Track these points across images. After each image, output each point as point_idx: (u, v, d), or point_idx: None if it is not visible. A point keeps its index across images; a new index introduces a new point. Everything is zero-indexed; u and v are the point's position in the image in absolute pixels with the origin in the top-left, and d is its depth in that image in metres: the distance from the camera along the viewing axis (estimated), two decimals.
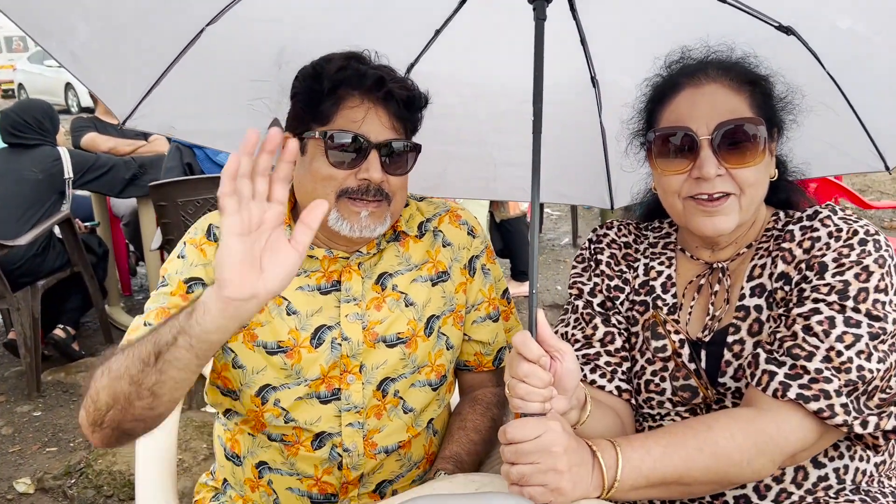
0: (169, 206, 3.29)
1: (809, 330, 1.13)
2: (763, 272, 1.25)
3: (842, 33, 1.35)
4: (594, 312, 1.37)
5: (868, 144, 1.49)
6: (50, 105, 4.05)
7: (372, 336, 1.36)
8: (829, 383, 1.09)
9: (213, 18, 1.37)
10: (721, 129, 1.18)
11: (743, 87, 1.23)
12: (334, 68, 1.28)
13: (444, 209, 1.51)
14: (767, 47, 1.33)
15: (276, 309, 1.34)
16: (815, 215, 1.23)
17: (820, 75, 1.43)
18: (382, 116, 1.29)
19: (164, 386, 1.03)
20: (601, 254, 1.41)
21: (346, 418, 1.35)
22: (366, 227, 1.29)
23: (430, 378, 1.43)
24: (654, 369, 1.31)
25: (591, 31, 1.53)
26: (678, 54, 1.31)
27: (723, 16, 1.37)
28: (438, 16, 1.51)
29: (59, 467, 3.03)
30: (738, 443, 1.08)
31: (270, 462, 1.38)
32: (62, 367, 4.00)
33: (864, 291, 1.12)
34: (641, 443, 1.08)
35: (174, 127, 1.49)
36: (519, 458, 1.01)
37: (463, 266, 1.48)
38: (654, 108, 1.30)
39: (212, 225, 1.36)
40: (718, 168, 1.18)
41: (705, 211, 1.20)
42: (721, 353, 1.25)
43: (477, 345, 1.51)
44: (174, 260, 1.34)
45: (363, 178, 1.28)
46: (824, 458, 1.21)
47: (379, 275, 1.40)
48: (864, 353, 1.10)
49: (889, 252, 1.16)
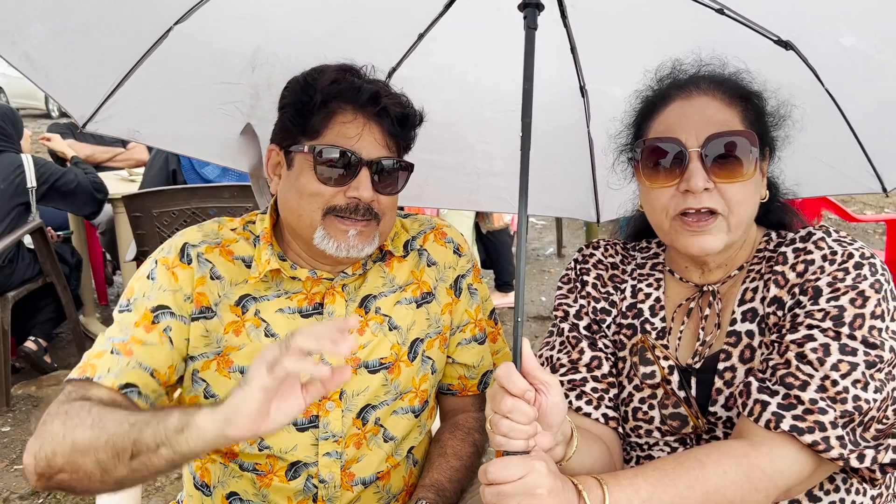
0: (144, 217, 3.21)
1: (803, 358, 1.08)
2: (755, 296, 1.19)
3: (844, 50, 1.30)
4: (580, 336, 1.31)
5: (865, 164, 1.44)
6: (12, 109, 3.88)
7: (354, 362, 1.29)
8: (825, 414, 1.04)
9: (182, 17, 1.29)
10: (711, 141, 1.13)
11: (735, 102, 1.19)
12: (327, 81, 1.23)
13: (429, 227, 1.45)
14: (764, 61, 1.28)
15: (255, 331, 1.26)
16: (808, 237, 1.18)
17: (818, 92, 1.38)
18: (376, 133, 1.25)
19: (133, 480, 1.02)
20: (587, 275, 1.35)
21: (323, 447, 1.28)
22: (353, 246, 1.24)
23: (413, 404, 1.36)
24: (642, 396, 1.25)
25: (582, 39, 1.47)
26: (669, 67, 1.26)
27: (719, 27, 1.31)
28: (422, 19, 1.44)
29: (26, 486, 2.92)
30: (731, 479, 1.03)
31: (242, 493, 1.30)
32: (33, 381, 3.88)
33: (860, 317, 1.07)
34: (630, 481, 1.01)
35: (139, 131, 1.41)
36: (501, 500, 0.94)
37: (449, 286, 1.42)
38: (643, 121, 1.25)
39: (186, 244, 1.28)
40: (707, 181, 1.13)
41: (692, 230, 1.15)
42: (712, 380, 1.19)
43: (461, 368, 1.44)
44: (142, 279, 1.25)
45: (353, 197, 1.23)
46: (820, 491, 1.16)
47: (363, 297, 1.34)
48: (860, 383, 1.05)
49: (885, 276, 1.11)
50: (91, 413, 1.04)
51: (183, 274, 1.25)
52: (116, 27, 1.26)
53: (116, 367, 1.17)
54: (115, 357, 1.18)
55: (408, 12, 1.43)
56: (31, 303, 3.90)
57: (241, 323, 1.26)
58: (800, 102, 1.29)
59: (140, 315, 1.22)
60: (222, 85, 1.28)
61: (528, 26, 1.13)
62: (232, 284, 1.28)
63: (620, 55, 1.47)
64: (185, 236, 1.30)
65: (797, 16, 1.29)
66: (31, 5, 1.14)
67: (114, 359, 1.18)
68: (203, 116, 1.38)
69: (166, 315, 1.22)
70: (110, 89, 1.33)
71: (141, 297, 1.23)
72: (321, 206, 1.23)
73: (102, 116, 1.36)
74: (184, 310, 1.23)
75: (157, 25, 1.29)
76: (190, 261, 1.26)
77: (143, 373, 1.18)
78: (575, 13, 1.39)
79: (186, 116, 1.44)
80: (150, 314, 1.21)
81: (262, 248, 1.29)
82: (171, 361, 1.23)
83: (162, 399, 1.23)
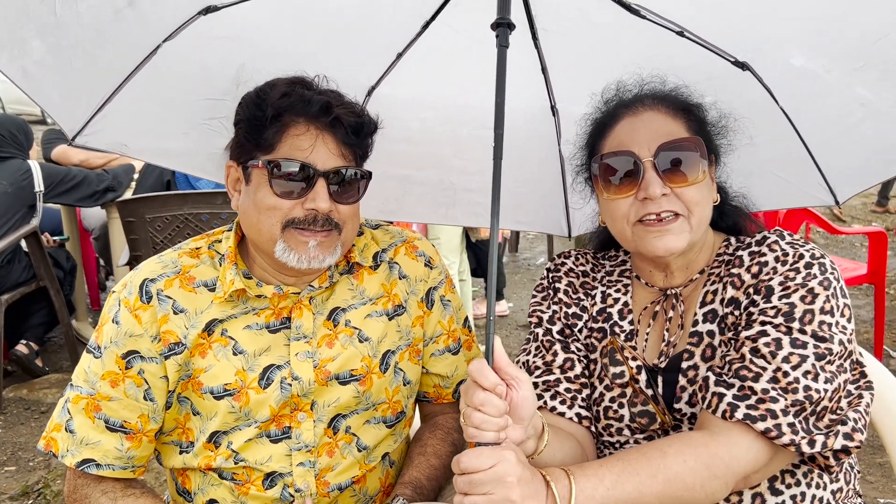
0: (137, 223, 3.20)
1: (757, 352, 1.13)
2: (715, 298, 1.25)
3: (796, 70, 1.35)
4: (554, 339, 1.36)
5: (819, 179, 1.49)
6: (24, 121, 3.98)
7: (324, 374, 1.29)
8: (776, 403, 1.09)
9: (170, 35, 1.32)
10: (662, 150, 1.19)
11: (678, 114, 1.26)
12: (278, 94, 1.21)
13: (400, 239, 1.45)
14: (723, 81, 1.34)
15: (222, 350, 1.26)
16: (763, 241, 1.24)
17: (774, 110, 1.43)
18: (330, 143, 1.23)
19: None
20: (559, 282, 1.40)
21: (296, 458, 1.29)
22: (314, 257, 1.22)
23: (386, 415, 1.37)
24: (612, 395, 1.30)
25: (552, 60, 1.51)
26: (614, 89, 1.33)
27: (680, 49, 1.36)
28: (400, 39, 1.47)
29: (16, 487, 2.92)
30: (691, 467, 1.07)
31: (220, 500, 1.31)
32: (25, 384, 3.88)
33: (810, 313, 1.13)
34: (595, 471, 1.06)
35: (126, 145, 1.42)
36: (472, 488, 0.98)
37: (420, 299, 1.42)
38: (595, 141, 1.31)
39: (146, 281, 1.27)
40: (663, 188, 1.19)
41: (654, 231, 1.20)
42: (676, 379, 1.24)
43: (436, 377, 1.46)
44: (108, 324, 1.25)
45: (310, 208, 1.21)
46: (781, 485, 1.21)
47: (331, 310, 1.34)
48: (810, 374, 1.10)
49: (835, 275, 1.17)
50: None
51: (146, 315, 1.24)
52: (108, 45, 1.28)
53: (73, 445, 1.23)
54: (69, 436, 1.24)
55: (387, 32, 1.46)
56: (24, 307, 3.91)
57: (207, 345, 1.26)
58: (757, 120, 1.37)
59: (110, 364, 1.23)
60: (208, 101, 1.29)
61: (500, 44, 1.18)
62: (197, 314, 1.26)
63: (588, 76, 1.50)
64: (143, 271, 1.28)
65: (751, 38, 1.34)
66: (33, 22, 1.16)
67: (69, 438, 1.24)
68: (189, 131, 1.39)
69: (137, 359, 1.24)
70: (100, 104, 1.34)
71: (110, 343, 1.24)
72: (280, 219, 1.21)
73: (91, 130, 1.37)
74: (153, 351, 1.24)
75: (147, 43, 1.32)
76: (150, 299, 1.25)
77: (105, 434, 1.24)
78: (546, 35, 1.44)
79: (173, 131, 1.46)
80: (121, 360, 1.23)
81: (227, 268, 1.27)
82: (140, 411, 1.25)
83: (135, 459, 1.26)
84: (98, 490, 1.25)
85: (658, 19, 1.32)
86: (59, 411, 1.27)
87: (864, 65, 1.27)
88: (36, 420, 3.54)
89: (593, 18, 1.38)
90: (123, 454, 1.25)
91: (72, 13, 1.17)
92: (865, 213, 7.89)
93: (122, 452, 1.25)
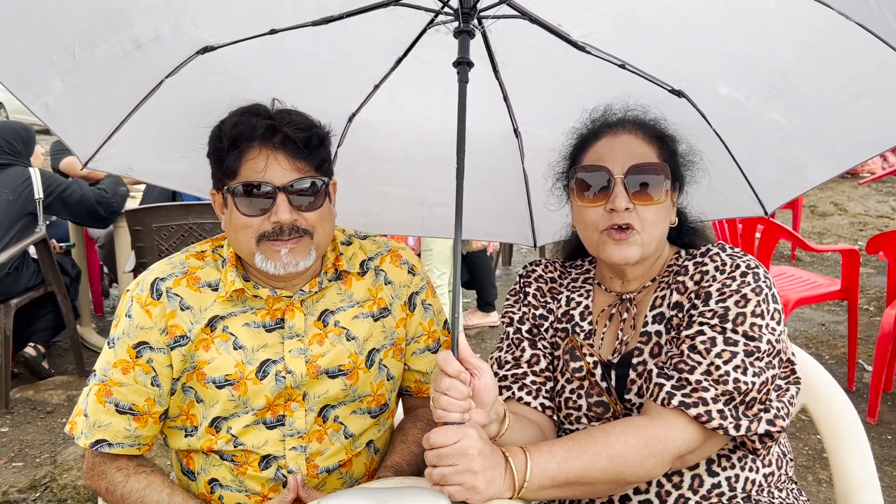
0: (144, 231, 3.31)
1: (694, 349, 1.24)
2: (663, 302, 1.36)
3: (722, 98, 1.47)
4: (522, 337, 1.47)
5: (750, 193, 1.61)
6: (26, 127, 3.94)
7: (315, 369, 1.40)
8: (707, 392, 1.20)
9: (172, 71, 1.44)
10: (632, 171, 1.30)
11: (653, 141, 1.37)
12: (229, 125, 1.31)
13: (385, 249, 1.55)
14: (663, 107, 1.45)
15: (224, 345, 1.38)
16: (706, 252, 1.35)
17: (709, 133, 1.55)
18: (282, 160, 1.30)
19: None
20: (529, 286, 1.52)
21: (289, 443, 1.40)
22: (288, 262, 1.32)
23: (371, 407, 1.48)
24: (572, 388, 1.40)
25: (513, 90, 1.63)
26: (601, 111, 1.44)
27: (623, 79, 1.48)
28: (377, 72, 1.59)
29: (24, 481, 3.00)
30: (632, 446, 1.18)
31: (221, 479, 1.42)
32: (31, 385, 3.95)
33: (742, 315, 1.23)
34: (548, 448, 1.17)
35: (132, 168, 1.56)
36: (440, 460, 1.08)
37: (403, 303, 1.52)
38: (578, 153, 1.42)
39: (156, 280, 1.39)
40: (628, 203, 1.30)
41: (615, 241, 1.32)
42: (627, 373, 1.35)
43: (417, 374, 1.57)
44: (122, 319, 1.38)
45: (275, 221, 1.30)
46: (718, 467, 1.31)
47: (321, 312, 1.44)
48: (740, 368, 1.21)
49: (767, 283, 1.27)
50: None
51: (155, 310, 1.36)
52: (118, 81, 1.40)
53: (86, 428, 1.37)
54: (84, 419, 1.38)
55: (364, 67, 1.57)
56: (32, 311, 3.97)
57: (210, 339, 1.37)
58: (696, 141, 1.46)
59: (122, 352, 1.36)
60: (204, 129, 1.38)
61: (461, 80, 1.29)
62: (201, 311, 1.38)
63: (547, 102, 1.63)
64: (155, 271, 1.40)
65: (683, 70, 1.46)
66: (56, 65, 1.28)
67: (84, 421, 1.38)
68: (187, 155, 1.50)
69: (147, 349, 1.36)
70: (109, 133, 1.46)
71: (122, 334, 1.37)
72: (253, 235, 1.31)
73: (101, 156, 1.50)
74: (161, 342, 1.36)
75: (151, 79, 1.44)
76: (160, 296, 1.37)
77: (115, 416, 1.37)
78: (505, 68, 1.56)
79: (173, 156, 1.57)
80: (132, 350, 1.36)
81: (228, 270, 1.39)
82: (147, 395, 1.37)
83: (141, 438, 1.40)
84: (113, 467, 1.38)
85: (601, 54, 1.44)
86: (82, 398, 1.40)
87: (776, 94, 1.39)
88: (42, 420, 3.63)
89: (547, 54, 1.49)
90: (131, 433, 1.38)
91: (88, 56, 1.30)
92: (851, 231, 8.02)
93: (130, 432, 1.38)
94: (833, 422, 1.53)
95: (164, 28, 1.36)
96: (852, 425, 1.50)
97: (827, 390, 1.56)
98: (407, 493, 1.05)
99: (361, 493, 1.04)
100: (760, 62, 1.37)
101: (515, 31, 1.44)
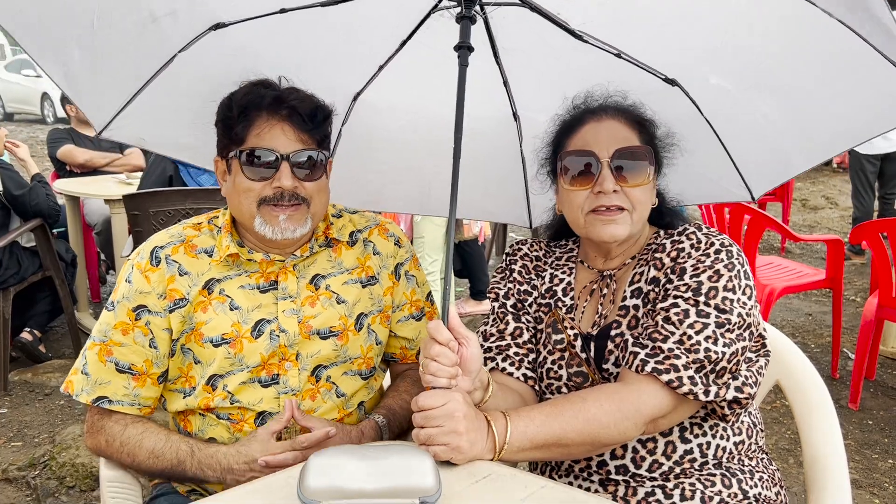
0: (141, 216, 3.33)
1: (668, 320, 1.30)
2: (641, 278, 1.42)
3: (713, 87, 1.53)
4: (507, 311, 1.53)
5: (738, 178, 1.68)
6: None
7: (307, 328, 1.47)
8: (679, 359, 1.25)
9: (185, 46, 1.49)
10: (618, 154, 1.36)
11: (634, 125, 1.43)
12: (241, 94, 1.39)
13: (374, 223, 1.63)
14: (657, 95, 1.51)
15: (220, 306, 1.44)
16: (683, 231, 1.42)
17: (700, 120, 1.61)
18: (288, 130, 1.38)
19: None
20: (514, 264, 1.58)
21: (284, 400, 1.44)
22: (286, 228, 1.39)
23: (361, 369, 1.55)
24: (553, 359, 1.46)
25: (512, 74, 1.69)
26: (583, 97, 1.50)
27: (620, 67, 1.54)
28: (382, 53, 1.65)
29: (23, 459, 3.04)
30: (606, 409, 1.23)
31: (219, 438, 1.46)
32: (29, 368, 4.01)
33: (714, 290, 1.29)
34: (528, 413, 1.23)
35: (144, 138, 1.61)
36: (427, 422, 1.14)
37: (390, 272, 1.60)
38: (561, 139, 1.47)
39: (156, 248, 1.46)
40: (615, 185, 1.35)
41: (603, 220, 1.37)
42: (606, 344, 1.40)
43: (402, 340, 1.64)
44: (122, 284, 1.45)
45: (276, 187, 1.37)
46: (690, 434, 1.36)
47: (313, 276, 1.51)
48: (711, 338, 1.26)
49: (739, 260, 1.34)
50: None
51: (154, 276, 1.42)
52: (134, 54, 1.45)
53: (87, 385, 1.43)
54: (84, 378, 1.43)
55: (370, 48, 1.63)
56: (29, 296, 4.02)
57: (207, 301, 1.44)
58: (686, 129, 1.52)
59: (122, 315, 1.42)
60: (214, 103, 1.44)
61: (461, 64, 1.35)
62: (198, 276, 1.44)
63: (544, 88, 1.67)
64: (154, 241, 1.47)
65: (676, 60, 1.52)
66: (74, 32, 1.33)
67: (84, 379, 1.43)
68: (198, 129, 1.54)
69: (145, 312, 1.42)
70: (124, 103, 1.52)
71: (122, 298, 1.43)
72: (254, 199, 1.38)
73: (116, 125, 1.55)
74: (159, 306, 1.42)
75: (165, 53, 1.49)
76: (158, 262, 1.43)
77: (115, 375, 1.42)
78: (505, 53, 1.62)
79: (184, 128, 1.62)
80: (132, 313, 1.42)
81: (223, 237, 1.46)
82: (145, 356, 1.43)
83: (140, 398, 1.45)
84: (111, 420, 1.45)
85: (598, 44, 1.50)
86: (79, 359, 1.46)
87: (758, 84, 1.46)
88: (40, 401, 3.67)
89: (547, 41, 1.54)
90: (130, 392, 1.44)
91: (106, 26, 1.36)
92: (842, 224, 8.13)
93: (129, 391, 1.44)
94: (801, 390, 1.59)
95: (179, 2, 1.41)
96: (820, 394, 1.56)
97: (795, 362, 1.62)
98: (393, 449, 1.10)
99: (349, 449, 1.09)
100: (740, 53, 1.44)
101: (517, 18, 1.50)
